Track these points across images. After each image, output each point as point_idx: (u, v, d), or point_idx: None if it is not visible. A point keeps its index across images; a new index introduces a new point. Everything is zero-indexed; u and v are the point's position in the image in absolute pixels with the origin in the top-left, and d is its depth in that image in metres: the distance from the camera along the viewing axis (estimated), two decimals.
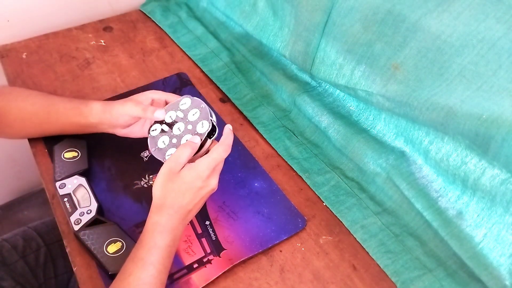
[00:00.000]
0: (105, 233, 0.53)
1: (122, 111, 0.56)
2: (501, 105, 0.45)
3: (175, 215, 0.48)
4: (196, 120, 0.54)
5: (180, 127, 0.55)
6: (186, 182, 0.48)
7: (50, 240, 0.72)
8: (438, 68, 0.50)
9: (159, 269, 0.45)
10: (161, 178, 0.49)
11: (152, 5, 0.94)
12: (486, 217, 0.52)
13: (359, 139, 0.65)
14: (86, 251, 0.53)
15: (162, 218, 0.48)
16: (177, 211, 0.48)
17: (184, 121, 0.55)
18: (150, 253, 0.46)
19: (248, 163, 0.65)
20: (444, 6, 0.49)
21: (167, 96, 0.59)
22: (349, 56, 0.62)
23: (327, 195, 0.63)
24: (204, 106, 0.54)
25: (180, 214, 0.49)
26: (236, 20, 0.83)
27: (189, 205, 0.49)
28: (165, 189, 0.48)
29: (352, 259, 0.57)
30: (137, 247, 0.47)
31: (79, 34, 0.85)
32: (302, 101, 0.71)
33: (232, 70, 0.80)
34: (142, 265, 0.45)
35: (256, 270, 0.55)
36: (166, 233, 0.47)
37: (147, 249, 0.46)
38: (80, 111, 0.57)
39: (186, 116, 0.55)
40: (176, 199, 0.48)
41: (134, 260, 0.45)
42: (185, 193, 0.48)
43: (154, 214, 0.48)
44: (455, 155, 0.54)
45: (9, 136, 0.62)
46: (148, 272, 0.45)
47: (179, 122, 0.55)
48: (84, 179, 0.58)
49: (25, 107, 0.58)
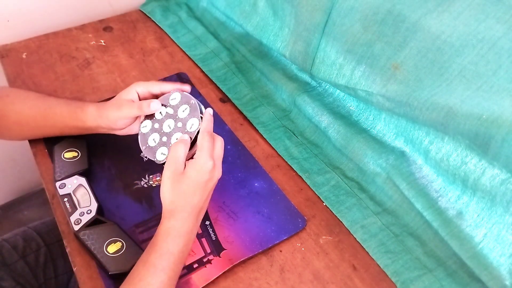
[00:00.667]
0: (105, 233, 0.53)
1: (119, 115, 0.55)
2: (501, 105, 0.45)
3: (189, 217, 0.47)
4: (186, 117, 0.53)
5: (170, 124, 0.54)
6: (194, 179, 0.48)
7: (50, 240, 0.72)
8: (438, 68, 0.50)
9: (170, 275, 0.45)
10: (167, 182, 0.48)
11: (152, 5, 0.94)
12: (486, 217, 0.52)
13: (359, 139, 0.65)
14: (86, 251, 0.52)
15: (177, 223, 0.47)
16: (190, 213, 0.48)
17: (174, 118, 0.54)
18: (162, 258, 0.45)
19: (248, 163, 0.65)
20: (444, 6, 0.49)
21: (150, 87, 0.57)
22: (349, 56, 0.62)
23: (327, 195, 0.63)
24: (194, 102, 0.54)
25: (193, 215, 0.48)
26: (236, 20, 0.83)
27: (200, 203, 0.48)
28: (174, 192, 0.47)
29: (352, 259, 0.57)
30: (149, 251, 0.46)
31: (79, 34, 0.85)
32: (302, 101, 0.71)
33: (232, 70, 0.80)
34: (154, 271, 0.44)
35: (256, 270, 0.55)
36: (180, 238, 0.46)
37: (159, 254, 0.45)
38: (77, 115, 0.57)
39: (176, 112, 0.54)
40: (187, 200, 0.47)
41: (145, 265, 0.45)
42: (195, 191, 0.48)
43: (167, 220, 0.47)
44: (455, 155, 0.54)
45: (8, 138, 0.62)
46: (158, 278, 0.44)
47: (169, 119, 0.54)
48: (84, 179, 0.58)
49: (23, 110, 0.58)
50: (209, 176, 0.48)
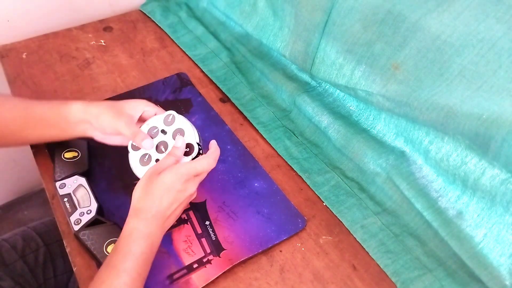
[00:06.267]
0: (105, 233, 0.53)
1: (112, 124, 0.53)
2: (501, 105, 0.45)
3: (152, 220, 0.47)
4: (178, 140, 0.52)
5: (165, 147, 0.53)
6: (165, 183, 0.47)
7: (49, 240, 0.72)
8: (438, 68, 0.50)
9: (133, 276, 0.44)
10: (142, 180, 0.49)
11: (152, 5, 0.94)
12: (486, 217, 0.52)
13: (359, 139, 0.65)
14: (86, 251, 0.52)
15: (140, 223, 0.47)
16: (154, 215, 0.47)
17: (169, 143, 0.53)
18: (124, 260, 0.45)
19: (248, 163, 0.65)
20: (444, 6, 0.49)
21: (158, 110, 0.57)
22: (349, 56, 0.62)
23: (327, 195, 0.63)
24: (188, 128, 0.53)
25: (157, 219, 0.47)
26: (236, 20, 0.83)
27: (167, 210, 0.48)
28: (144, 191, 0.48)
29: (352, 259, 0.57)
30: (112, 254, 0.46)
31: (79, 34, 0.85)
32: (302, 101, 0.71)
33: (232, 70, 0.80)
34: (116, 272, 0.44)
35: (256, 270, 0.55)
36: (142, 240, 0.46)
37: (121, 255, 0.45)
38: (59, 111, 0.55)
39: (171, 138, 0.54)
40: (154, 202, 0.47)
41: (108, 267, 0.45)
42: (163, 196, 0.47)
43: (131, 219, 0.47)
44: (455, 155, 0.54)
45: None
46: (121, 279, 0.43)
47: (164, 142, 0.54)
48: (84, 179, 0.58)
49: (1, 113, 0.55)
50: (181, 186, 0.48)
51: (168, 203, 0.48)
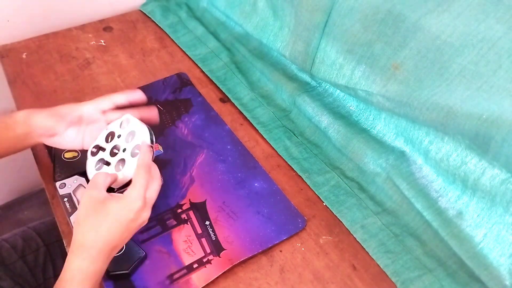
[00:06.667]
0: None
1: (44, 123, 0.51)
2: (501, 105, 0.45)
3: (98, 256, 0.42)
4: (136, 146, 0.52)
5: (117, 149, 0.53)
6: (114, 215, 0.43)
7: (49, 240, 0.72)
8: (438, 68, 0.50)
9: None
10: (83, 209, 0.44)
11: (152, 5, 0.94)
12: (486, 217, 0.52)
13: (359, 139, 0.65)
14: None
15: (83, 262, 0.42)
16: (101, 251, 0.42)
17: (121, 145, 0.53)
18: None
19: (248, 163, 0.65)
20: (444, 6, 0.49)
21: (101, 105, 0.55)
22: (349, 56, 0.62)
23: (327, 195, 0.63)
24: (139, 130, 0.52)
25: (104, 253, 0.43)
26: (236, 20, 0.83)
27: (115, 241, 0.43)
28: (87, 223, 0.43)
29: (352, 259, 0.57)
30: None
31: (79, 34, 0.85)
32: (302, 101, 0.71)
33: (232, 70, 0.80)
34: None
35: (256, 270, 0.55)
36: (87, 281, 0.42)
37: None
38: (6, 124, 0.52)
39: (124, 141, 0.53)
40: (100, 234, 0.42)
41: None
42: (111, 228, 0.43)
43: (74, 256, 0.42)
44: (455, 155, 0.54)
45: None
46: None
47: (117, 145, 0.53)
48: (84, 179, 0.58)
49: None
50: (134, 216, 0.44)
51: (117, 235, 0.43)
